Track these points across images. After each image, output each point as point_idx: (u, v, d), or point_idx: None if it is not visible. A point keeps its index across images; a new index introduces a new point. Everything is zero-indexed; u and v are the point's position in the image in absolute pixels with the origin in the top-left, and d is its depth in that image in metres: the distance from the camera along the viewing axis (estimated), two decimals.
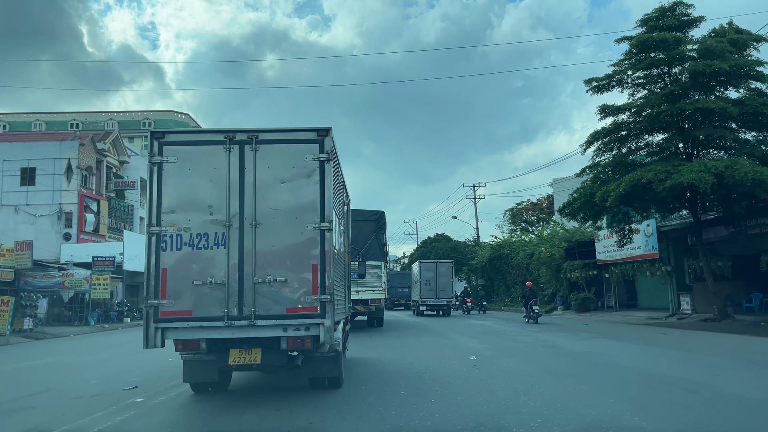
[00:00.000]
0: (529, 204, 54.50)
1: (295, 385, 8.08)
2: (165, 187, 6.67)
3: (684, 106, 17.93)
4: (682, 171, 16.26)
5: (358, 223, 16.30)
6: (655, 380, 8.25)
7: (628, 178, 17.68)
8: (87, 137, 38.96)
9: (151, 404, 7.31)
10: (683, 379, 8.37)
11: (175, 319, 6.47)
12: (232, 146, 6.75)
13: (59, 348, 17.99)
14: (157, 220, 6.60)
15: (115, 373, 10.36)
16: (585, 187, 20.89)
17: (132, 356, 13.41)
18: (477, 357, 11.31)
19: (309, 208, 6.67)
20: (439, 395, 7.33)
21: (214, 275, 6.52)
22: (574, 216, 22.07)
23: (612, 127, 20.26)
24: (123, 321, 31.70)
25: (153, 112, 66.12)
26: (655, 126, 19.32)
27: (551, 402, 6.78)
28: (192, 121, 64.32)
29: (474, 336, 16.88)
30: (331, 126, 6.83)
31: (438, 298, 31.86)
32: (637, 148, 20.61)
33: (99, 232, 37.86)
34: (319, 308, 6.53)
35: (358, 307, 19.15)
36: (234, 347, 6.73)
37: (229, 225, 6.60)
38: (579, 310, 29.06)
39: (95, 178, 39.66)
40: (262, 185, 6.69)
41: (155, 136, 6.75)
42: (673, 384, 7.91)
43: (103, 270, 29.75)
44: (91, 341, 20.59)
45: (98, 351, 16.47)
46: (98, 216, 38.12)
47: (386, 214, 21.11)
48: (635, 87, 20.54)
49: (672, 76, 19.54)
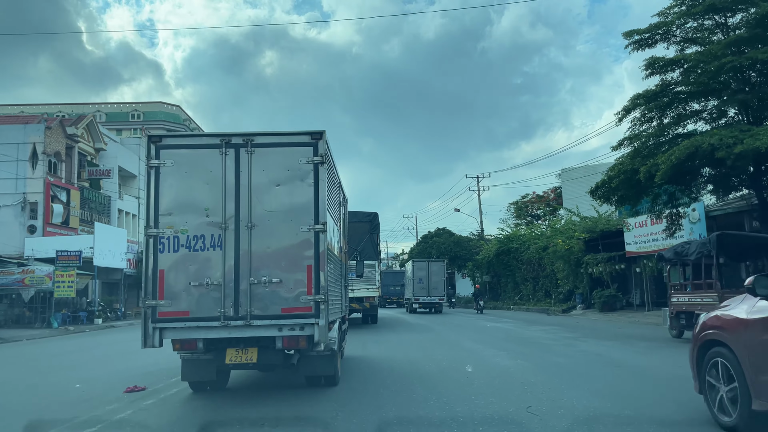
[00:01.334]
0: (534, 197, 52.08)
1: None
2: (162, 190, 6.80)
3: (755, 56, 14.77)
4: (758, 134, 13.62)
5: (353, 224, 16.85)
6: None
7: (684, 146, 14.78)
8: (55, 120, 35.44)
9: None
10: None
11: (172, 319, 6.62)
12: (228, 150, 6.89)
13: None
14: (154, 223, 6.73)
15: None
16: (624, 163, 17.75)
17: (62, 374, 10.83)
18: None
19: (303, 210, 6.83)
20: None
21: (210, 276, 6.67)
22: (608, 198, 19.01)
23: (658, 88, 17.12)
24: (94, 322, 29.02)
25: (142, 103, 63.38)
26: (713, 86, 16.37)
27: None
28: (182, 113, 61.98)
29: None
30: (324, 129, 7.00)
31: (430, 296, 33.68)
32: (687, 115, 17.57)
33: (69, 225, 34.50)
34: (313, 308, 6.69)
35: (353, 304, 19.93)
36: (231, 346, 6.89)
37: (225, 227, 6.75)
38: (603, 309, 26.05)
39: (65, 165, 36.06)
40: (257, 188, 6.84)
41: (152, 140, 6.88)
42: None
43: (67, 266, 27.23)
44: (39, 348, 17.79)
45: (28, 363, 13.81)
46: (68, 207, 34.56)
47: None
48: (685, 42, 17.57)
49: (731, 27, 16.62)
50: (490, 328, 20.11)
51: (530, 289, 37.17)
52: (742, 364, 4.74)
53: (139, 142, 44.06)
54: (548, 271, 32.59)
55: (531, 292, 36.98)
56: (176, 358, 7.52)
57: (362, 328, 20.25)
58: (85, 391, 8.47)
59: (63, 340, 21.15)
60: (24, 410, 7.18)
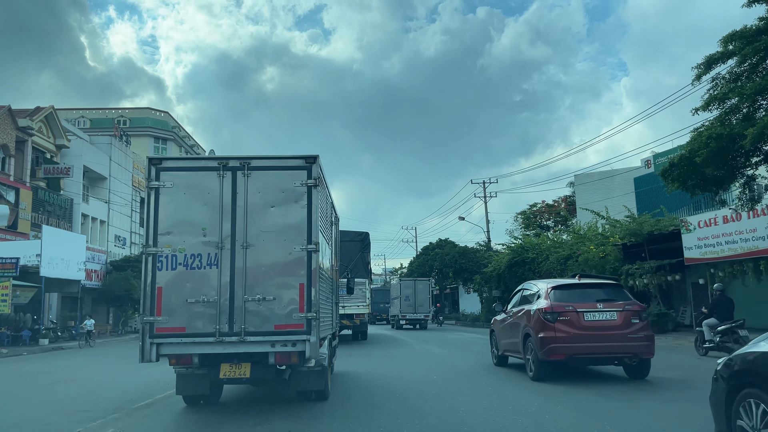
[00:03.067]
0: (544, 206, 48.50)
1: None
2: (161, 210, 7.09)
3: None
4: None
5: (345, 243, 17.20)
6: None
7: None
8: (2, 109, 30.34)
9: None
10: None
11: (169, 335, 6.88)
12: (225, 172, 7.21)
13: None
14: (153, 242, 7.01)
15: None
16: (712, 126, 13.42)
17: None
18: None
19: (297, 230, 7.14)
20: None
21: (206, 294, 6.95)
22: (684, 180, 14.64)
23: (763, 23, 13.12)
24: (39, 343, 24.70)
25: (129, 109, 59.62)
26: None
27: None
28: (171, 120, 58.78)
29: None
30: (318, 154, 7.33)
31: (416, 313, 35.10)
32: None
33: (18, 229, 29.47)
34: (305, 325, 6.97)
35: (344, 321, 20.41)
36: (225, 361, 7.16)
37: (221, 246, 7.05)
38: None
39: (15, 161, 31.24)
40: (252, 209, 7.15)
41: (153, 163, 7.20)
42: None
43: (1, 276, 22.73)
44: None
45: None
46: (16, 208, 29.61)
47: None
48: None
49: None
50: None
51: None
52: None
53: (110, 141, 41.13)
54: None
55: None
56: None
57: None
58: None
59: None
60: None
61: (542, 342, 9.65)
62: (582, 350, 9.57)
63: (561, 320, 9.65)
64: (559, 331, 9.57)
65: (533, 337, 9.92)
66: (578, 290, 10.29)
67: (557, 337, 9.54)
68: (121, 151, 42.67)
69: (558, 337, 9.53)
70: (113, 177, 40.80)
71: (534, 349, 9.90)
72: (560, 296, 10.08)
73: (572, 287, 10.39)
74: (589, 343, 9.53)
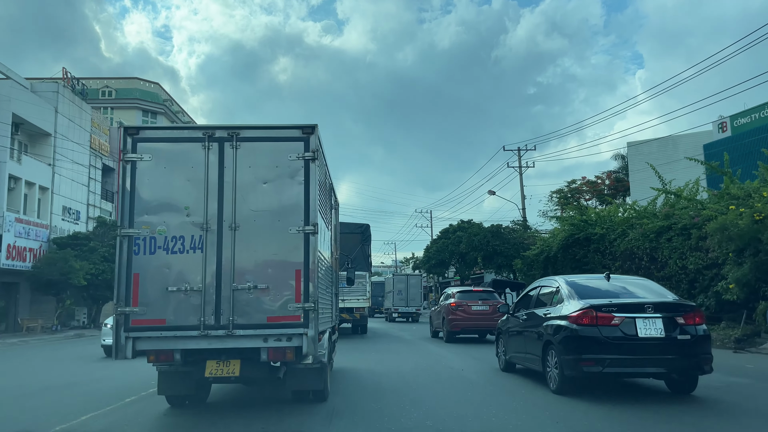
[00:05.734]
0: (585, 182, 41.54)
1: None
2: (138, 187, 6.25)
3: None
4: None
5: (345, 235, 16.76)
6: None
7: None
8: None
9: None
10: None
11: (147, 328, 6.05)
12: (211, 144, 6.36)
13: None
14: (129, 222, 6.17)
15: None
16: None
17: None
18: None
19: (292, 210, 6.30)
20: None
21: (189, 281, 6.11)
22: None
23: None
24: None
25: (115, 79, 53.41)
26: None
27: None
28: (163, 92, 53.54)
29: None
30: (316, 123, 6.46)
31: (408, 306, 36.90)
32: None
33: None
34: (302, 317, 6.14)
35: (343, 315, 19.98)
36: (211, 358, 6.33)
37: (206, 227, 6.21)
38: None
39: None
40: (242, 185, 6.31)
41: (129, 132, 6.34)
42: None
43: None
44: None
45: None
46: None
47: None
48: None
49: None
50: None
51: None
52: None
53: (56, 89, 33.19)
54: (673, 268, 18.33)
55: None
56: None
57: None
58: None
59: None
60: None
61: (450, 321, 17.93)
62: (469, 325, 17.73)
63: (459, 310, 17.79)
64: (458, 315, 17.77)
65: (446, 319, 18.24)
66: (471, 293, 18.98)
67: (457, 318, 17.75)
68: (73, 103, 34.64)
69: (457, 318, 17.76)
70: (61, 135, 32.70)
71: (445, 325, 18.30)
72: (461, 296, 18.41)
73: (468, 292, 19.23)
74: (472, 322, 17.66)
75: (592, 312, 7.33)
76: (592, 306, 7.39)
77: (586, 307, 7.41)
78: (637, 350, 7.16)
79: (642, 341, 7.14)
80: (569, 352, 7.40)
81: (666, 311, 7.34)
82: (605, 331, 7.21)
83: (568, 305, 7.80)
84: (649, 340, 7.15)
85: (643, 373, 7.56)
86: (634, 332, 7.14)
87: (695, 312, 7.49)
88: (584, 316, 7.35)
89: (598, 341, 7.18)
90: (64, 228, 32.84)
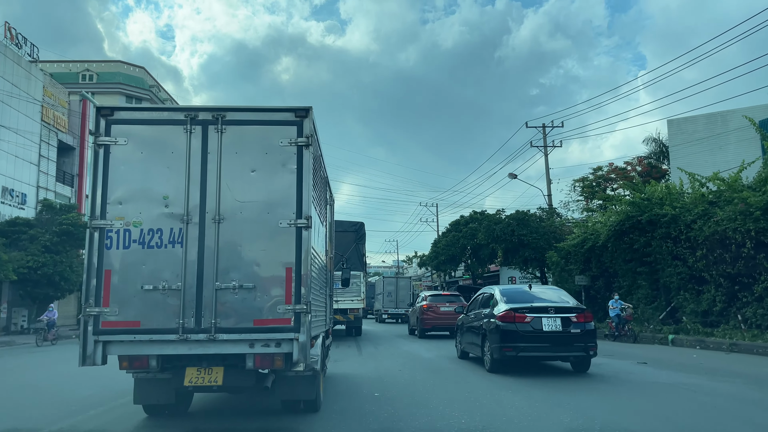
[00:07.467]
0: (613, 169, 36.49)
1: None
2: (112, 174, 5.61)
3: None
4: None
5: (339, 233, 16.17)
6: None
7: None
8: None
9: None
10: None
11: (119, 331, 5.41)
12: (194, 127, 5.72)
13: None
14: (101, 213, 5.53)
15: None
16: None
17: None
18: None
19: (283, 201, 5.67)
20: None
21: (167, 279, 5.48)
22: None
23: None
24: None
25: (97, 62, 49.79)
26: None
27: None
28: (149, 77, 50.93)
29: None
30: (311, 106, 5.83)
31: (398, 308, 37.73)
32: None
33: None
34: (292, 320, 5.52)
35: (337, 316, 19.55)
36: (191, 365, 5.69)
37: (187, 219, 5.58)
38: None
39: None
40: (228, 174, 5.68)
41: (102, 113, 5.69)
42: None
43: None
44: None
45: None
46: None
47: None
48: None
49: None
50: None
51: (722, 299, 16.51)
52: None
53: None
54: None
55: (723, 306, 16.58)
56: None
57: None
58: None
59: None
60: None
61: (422, 320, 20.68)
62: (438, 324, 20.20)
63: (430, 311, 20.62)
64: (429, 315, 20.59)
65: (419, 318, 21.01)
66: (441, 296, 22.11)
67: (428, 317, 20.54)
68: (16, 64, 29.40)
69: (428, 317, 20.53)
70: (0, 102, 28.02)
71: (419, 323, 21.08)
72: (432, 299, 21.37)
73: (438, 295, 22.34)
74: (441, 321, 20.07)
75: (512, 313, 9.98)
76: (512, 308, 10.04)
77: (508, 309, 10.09)
78: (543, 340, 9.82)
79: (546, 334, 9.80)
80: (496, 341, 10.04)
81: (564, 312, 9.96)
82: (521, 326, 9.86)
83: (498, 307, 10.43)
84: (551, 333, 9.81)
85: (547, 356, 10.41)
86: (541, 327, 9.80)
87: (585, 313, 10.15)
88: (506, 315, 10.02)
89: (516, 333, 9.83)
90: (5, 213, 28.24)
